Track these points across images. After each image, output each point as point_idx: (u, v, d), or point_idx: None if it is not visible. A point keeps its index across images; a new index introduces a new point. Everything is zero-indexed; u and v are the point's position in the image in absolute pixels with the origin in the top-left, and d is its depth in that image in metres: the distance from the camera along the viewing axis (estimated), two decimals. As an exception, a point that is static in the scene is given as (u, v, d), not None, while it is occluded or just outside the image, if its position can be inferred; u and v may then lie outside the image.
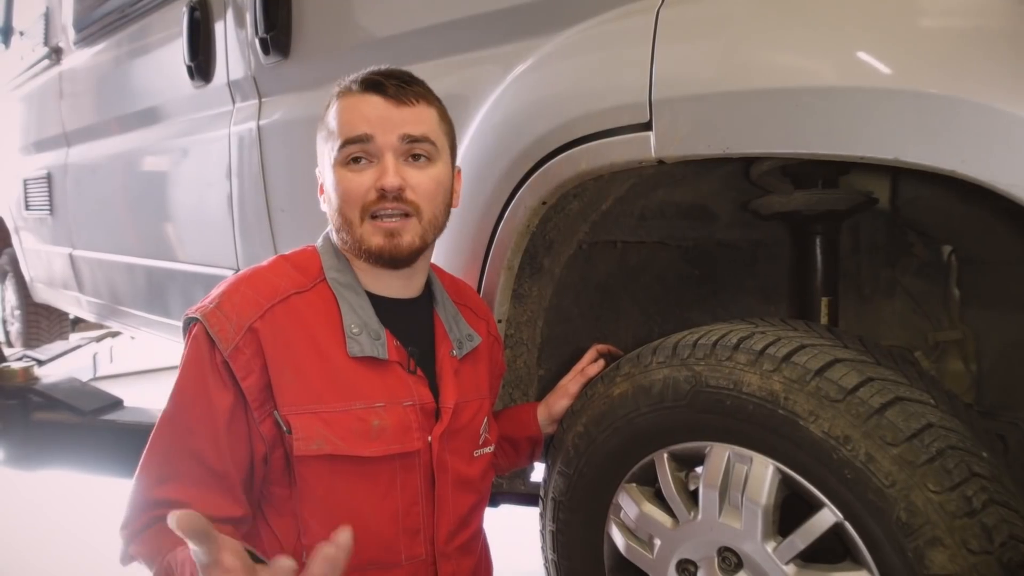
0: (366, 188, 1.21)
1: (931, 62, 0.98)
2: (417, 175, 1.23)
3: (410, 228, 1.23)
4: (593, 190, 1.46)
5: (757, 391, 1.15)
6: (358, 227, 1.22)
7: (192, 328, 1.19)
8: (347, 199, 1.22)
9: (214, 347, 1.15)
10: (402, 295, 1.31)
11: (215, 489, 1.17)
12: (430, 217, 1.26)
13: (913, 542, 1.02)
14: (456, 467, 1.30)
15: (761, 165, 1.43)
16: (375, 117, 1.21)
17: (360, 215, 1.22)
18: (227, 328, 1.16)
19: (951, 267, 1.58)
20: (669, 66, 1.21)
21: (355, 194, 1.21)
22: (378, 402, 1.22)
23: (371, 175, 1.21)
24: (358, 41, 1.90)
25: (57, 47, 3.58)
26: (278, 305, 1.19)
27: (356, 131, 1.21)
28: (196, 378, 1.17)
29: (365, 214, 1.22)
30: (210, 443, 1.16)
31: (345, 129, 1.21)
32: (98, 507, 3.24)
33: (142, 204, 2.96)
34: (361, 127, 1.21)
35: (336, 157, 1.22)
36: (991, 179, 0.92)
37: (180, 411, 1.18)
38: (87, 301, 3.68)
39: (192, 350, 1.18)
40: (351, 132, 1.21)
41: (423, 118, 1.25)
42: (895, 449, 1.04)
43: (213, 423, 1.16)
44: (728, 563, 1.21)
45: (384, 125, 1.21)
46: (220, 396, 1.16)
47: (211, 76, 2.36)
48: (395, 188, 1.20)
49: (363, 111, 1.21)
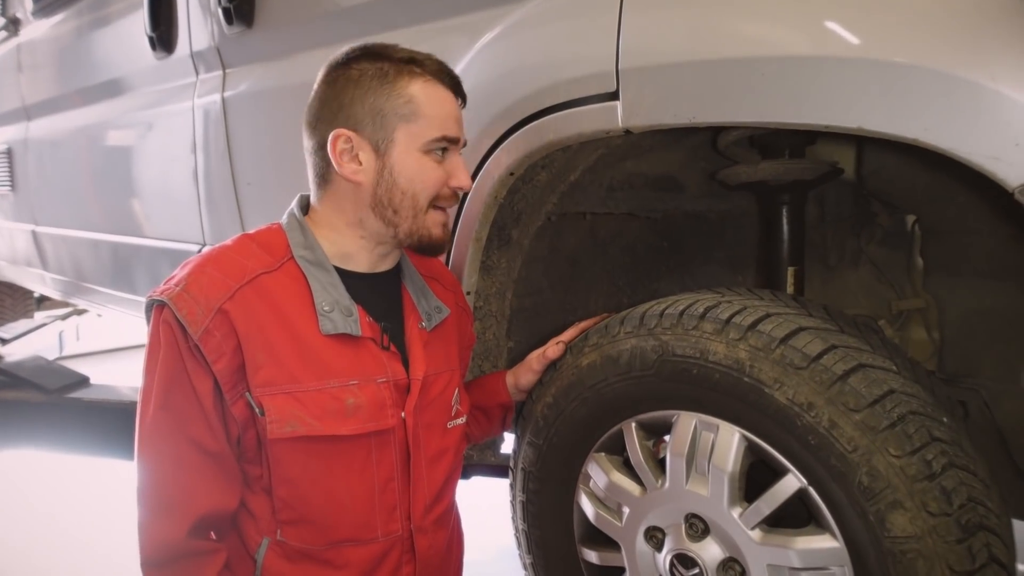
0: (443, 181, 1.24)
1: (893, 31, 0.99)
2: None
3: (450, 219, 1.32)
4: (561, 161, 1.45)
5: (723, 359, 1.16)
6: (423, 214, 1.24)
7: (161, 312, 1.16)
8: (427, 186, 1.23)
9: (185, 331, 1.14)
10: (377, 269, 1.31)
11: (220, 476, 1.18)
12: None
13: (874, 505, 1.04)
14: (430, 441, 1.30)
15: (728, 135, 1.44)
16: (457, 119, 1.26)
17: (428, 203, 1.24)
18: (196, 311, 1.14)
19: (914, 237, 1.60)
20: (636, 35, 1.20)
21: (435, 184, 1.23)
22: (352, 380, 1.21)
23: (445, 169, 1.24)
24: (324, 10, 1.87)
25: (15, 18, 3.48)
26: (247, 286, 1.18)
27: (451, 131, 1.23)
28: (174, 364, 1.15)
29: (432, 203, 1.25)
30: (205, 427, 1.16)
31: (440, 124, 1.22)
32: (95, 505, 3.21)
33: (106, 179, 2.90)
34: (454, 128, 1.24)
35: (424, 144, 1.22)
36: (952, 147, 0.94)
37: (168, 401, 1.15)
38: (51, 279, 3.62)
39: (164, 335, 1.15)
40: (448, 131, 1.23)
41: None
42: (857, 415, 1.06)
43: (202, 406, 1.15)
44: (695, 529, 1.23)
45: (461, 130, 1.27)
46: (200, 379, 1.15)
47: (173, 47, 2.31)
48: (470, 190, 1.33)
49: (451, 109, 1.24)
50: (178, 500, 1.16)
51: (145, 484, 1.17)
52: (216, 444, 1.17)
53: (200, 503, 1.16)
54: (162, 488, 1.17)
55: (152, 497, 1.17)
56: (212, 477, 1.17)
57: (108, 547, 2.76)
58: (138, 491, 1.17)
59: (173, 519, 1.15)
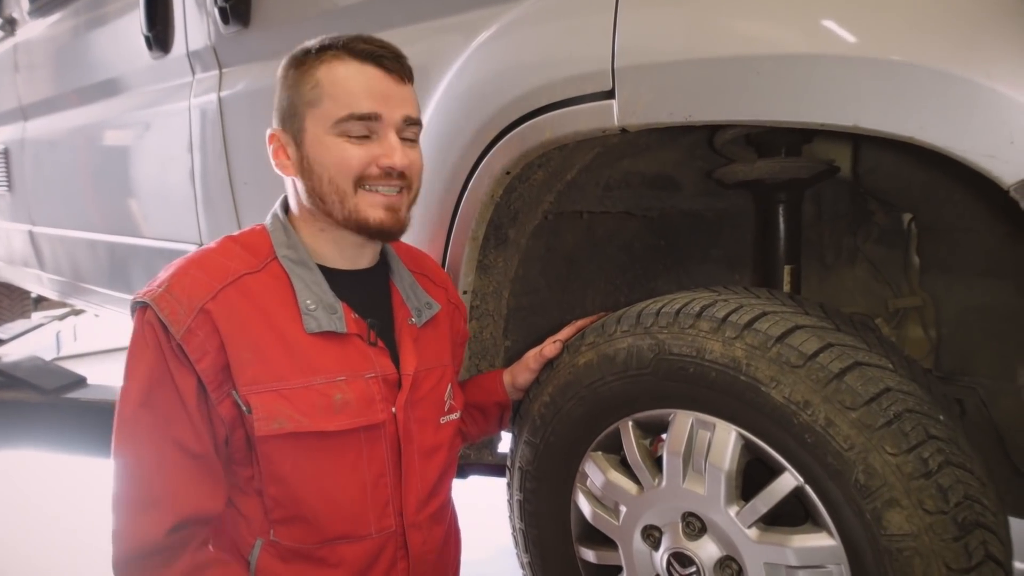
0: (366, 162, 1.20)
1: (889, 29, 0.99)
2: (412, 153, 1.25)
3: (404, 202, 1.26)
4: (558, 160, 1.45)
5: (720, 358, 1.16)
6: (351, 197, 1.21)
7: (144, 313, 1.16)
8: (342, 169, 1.20)
9: (167, 331, 1.13)
10: (360, 265, 1.31)
11: (203, 478, 1.16)
12: (415, 192, 1.28)
13: (871, 503, 1.04)
14: (422, 436, 1.30)
15: (724, 134, 1.44)
16: (379, 94, 1.20)
17: (353, 186, 1.21)
18: (178, 311, 1.13)
19: (911, 235, 1.60)
20: (632, 34, 1.20)
21: (353, 165, 1.19)
22: (339, 376, 1.21)
23: (373, 149, 1.20)
24: (320, 9, 1.87)
25: (11, 18, 3.48)
26: (230, 286, 1.17)
27: (362, 108, 1.18)
28: (157, 364, 1.14)
29: (358, 185, 1.21)
30: (188, 427, 1.15)
31: (347, 101, 1.18)
32: (92, 505, 3.19)
33: (103, 179, 2.90)
34: (367, 104, 1.19)
35: (331, 126, 1.19)
36: (948, 145, 0.94)
37: (149, 400, 1.14)
38: (48, 279, 3.62)
39: (147, 336, 1.15)
40: (357, 107, 1.18)
41: (414, 99, 1.26)
42: (854, 413, 1.06)
43: (185, 406, 1.14)
44: (692, 528, 1.23)
45: (389, 104, 1.20)
46: (184, 379, 1.14)
47: (170, 46, 2.31)
48: (404, 168, 1.21)
49: (365, 84, 1.19)
50: (159, 499, 1.14)
51: (124, 485, 1.15)
52: (200, 446, 1.16)
53: (182, 504, 1.14)
54: (142, 488, 1.14)
55: (131, 497, 1.14)
56: (195, 479, 1.16)
57: (104, 547, 2.76)
58: (115, 493, 1.15)
59: (153, 518, 1.13)
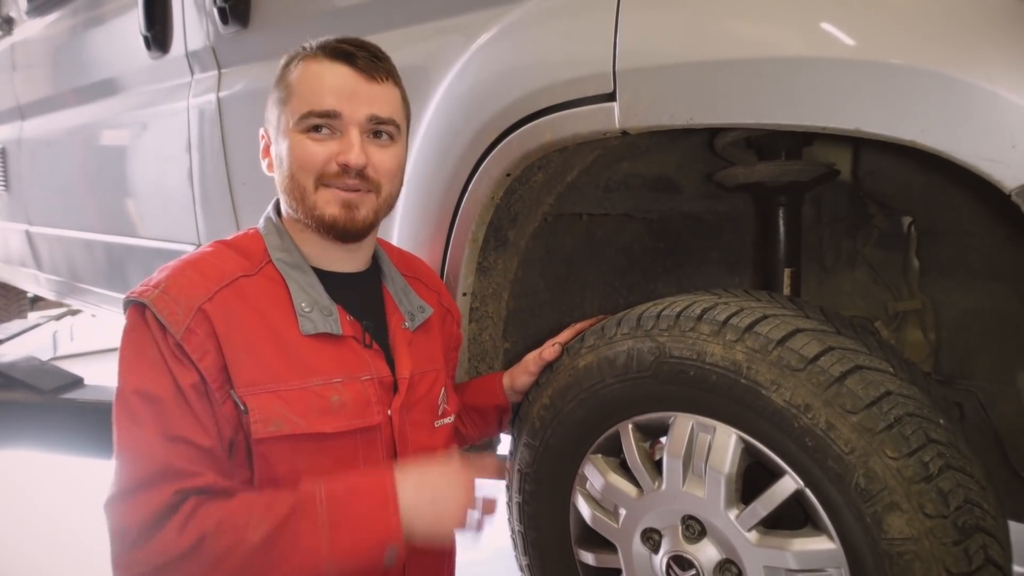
0: (325, 159, 1.19)
1: (890, 33, 0.99)
2: (380, 153, 1.23)
3: (368, 203, 1.23)
4: (558, 162, 1.45)
5: (720, 361, 1.16)
6: (311, 194, 1.21)
7: (140, 313, 1.14)
8: (303, 166, 1.20)
9: (165, 332, 1.12)
10: (348, 269, 1.30)
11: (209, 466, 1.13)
12: (387, 195, 1.26)
13: (871, 507, 1.04)
14: (417, 440, 1.30)
15: (725, 136, 1.44)
16: (343, 91, 1.19)
17: (315, 183, 1.20)
18: (176, 311, 1.12)
19: (911, 238, 1.60)
20: (633, 36, 1.20)
21: (313, 162, 1.19)
22: (336, 378, 1.20)
23: (333, 146, 1.19)
24: (319, 10, 1.86)
25: (8, 17, 3.47)
26: (226, 288, 1.17)
27: (323, 105, 1.18)
28: (155, 362, 1.12)
29: (319, 183, 1.21)
30: (191, 421, 1.12)
31: (310, 99, 1.18)
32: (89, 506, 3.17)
33: (100, 179, 2.89)
34: (328, 101, 1.18)
35: (294, 124, 1.20)
36: (949, 149, 0.93)
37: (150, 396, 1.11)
38: (45, 279, 3.61)
39: (143, 335, 1.13)
40: (317, 104, 1.18)
41: (390, 98, 1.23)
42: (854, 417, 1.06)
43: (187, 400, 1.12)
44: (692, 531, 1.23)
45: (353, 102, 1.19)
46: (184, 375, 1.12)
47: (168, 46, 2.31)
48: (360, 166, 1.19)
49: (331, 82, 1.19)
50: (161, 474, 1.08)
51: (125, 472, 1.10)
52: (207, 439, 1.13)
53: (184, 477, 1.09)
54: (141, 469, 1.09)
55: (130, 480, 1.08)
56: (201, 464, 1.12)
57: (102, 547, 2.75)
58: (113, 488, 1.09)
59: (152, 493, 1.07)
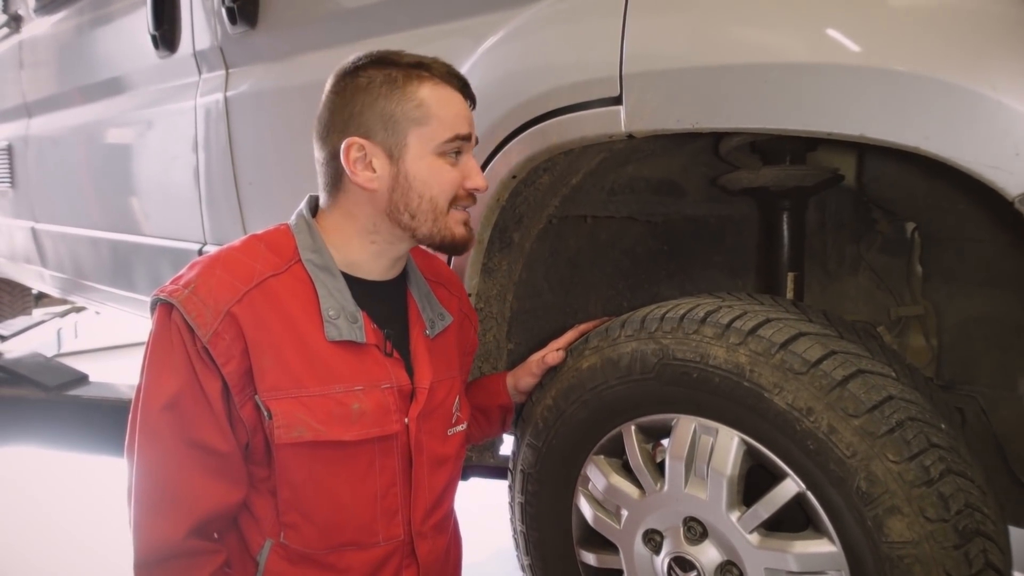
0: (458, 183, 1.24)
1: (896, 40, 0.99)
2: None
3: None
4: (563, 164, 1.46)
5: (723, 364, 1.17)
6: (444, 216, 1.24)
7: (169, 313, 1.15)
8: (444, 190, 1.23)
9: (193, 334, 1.13)
10: (386, 277, 1.31)
11: (225, 476, 1.17)
12: None
13: (872, 511, 1.05)
14: (432, 447, 1.31)
15: (730, 141, 1.44)
16: (468, 118, 1.25)
17: (447, 205, 1.24)
18: (205, 314, 1.13)
19: (914, 243, 1.60)
20: (640, 40, 1.21)
21: (452, 187, 1.23)
22: (357, 385, 1.21)
23: (460, 170, 1.24)
24: (327, 11, 1.87)
25: (17, 15, 3.48)
26: (255, 289, 1.17)
27: (464, 129, 1.23)
28: (183, 367, 1.14)
29: (450, 205, 1.24)
30: (215, 427, 1.15)
31: (455, 123, 1.22)
32: (93, 503, 3.19)
33: (106, 177, 2.90)
34: (465, 125, 1.24)
35: (437, 147, 1.21)
36: (953, 156, 0.94)
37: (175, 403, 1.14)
38: (51, 276, 3.62)
39: (172, 337, 1.15)
40: (461, 129, 1.22)
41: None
42: (856, 420, 1.06)
43: (211, 407, 1.15)
44: (693, 532, 1.23)
45: (472, 128, 1.26)
46: (209, 381, 1.14)
47: (176, 46, 2.32)
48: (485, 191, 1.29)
49: (460, 109, 1.24)
50: (179, 500, 1.15)
51: (143, 484, 1.15)
52: (226, 444, 1.16)
53: (203, 504, 1.15)
54: (162, 488, 1.15)
55: (150, 497, 1.15)
56: (217, 477, 1.17)
57: (106, 545, 2.76)
58: (135, 492, 1.15)
59: (171, 519, 1.14)
